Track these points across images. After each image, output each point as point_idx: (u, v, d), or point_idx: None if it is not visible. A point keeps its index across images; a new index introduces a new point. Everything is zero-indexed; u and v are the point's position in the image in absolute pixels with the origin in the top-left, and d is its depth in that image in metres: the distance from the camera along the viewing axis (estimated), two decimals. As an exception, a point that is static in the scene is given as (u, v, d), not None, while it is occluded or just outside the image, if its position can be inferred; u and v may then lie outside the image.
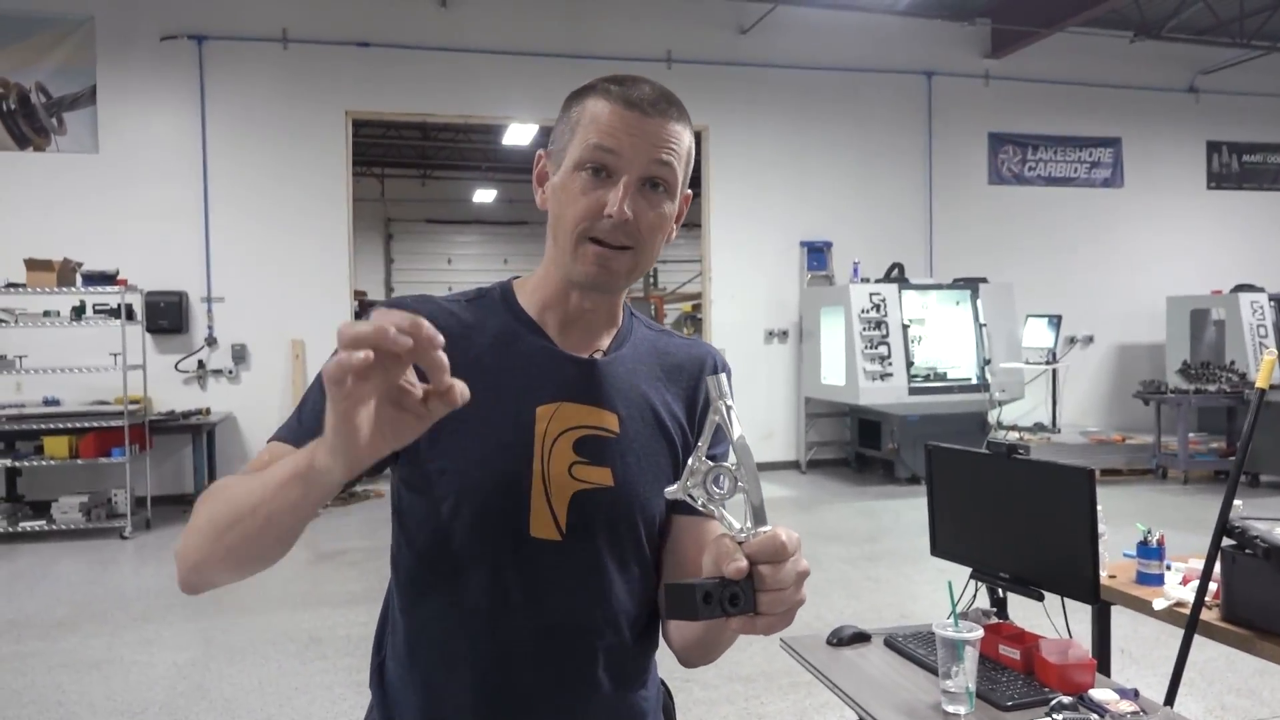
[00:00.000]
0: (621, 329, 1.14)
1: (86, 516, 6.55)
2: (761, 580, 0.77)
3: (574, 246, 1.03)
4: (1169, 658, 2.31)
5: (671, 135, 1.03)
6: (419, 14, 8.27)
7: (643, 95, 1.02)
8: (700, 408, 1.14)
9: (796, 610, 0.81)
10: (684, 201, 1.09)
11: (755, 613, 0.78)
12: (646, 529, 1.09)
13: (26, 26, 7.47)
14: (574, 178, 1.03)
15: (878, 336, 8.15)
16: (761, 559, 0.77)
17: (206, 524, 0.90)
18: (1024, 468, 2.17)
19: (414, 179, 15.94)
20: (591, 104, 1.03)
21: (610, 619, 1.07)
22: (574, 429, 1.05)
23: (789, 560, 0.78)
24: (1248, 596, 2.07)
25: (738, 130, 9.03)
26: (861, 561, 5.70)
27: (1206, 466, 8.07)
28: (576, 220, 1.02)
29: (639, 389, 1.11)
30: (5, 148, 7.45)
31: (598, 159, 1.01)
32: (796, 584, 0.79)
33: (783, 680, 3.77)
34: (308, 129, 8.03)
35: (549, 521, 1.03)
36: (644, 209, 1.02)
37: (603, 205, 1.01)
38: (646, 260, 1.05)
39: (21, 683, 3.90)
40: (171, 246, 7.72)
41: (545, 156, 1.10)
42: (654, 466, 1.09)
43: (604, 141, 1.01)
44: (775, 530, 0.78)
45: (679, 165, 1.04)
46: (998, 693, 1.79)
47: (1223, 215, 10.58)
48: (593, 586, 1.05)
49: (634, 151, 1.01)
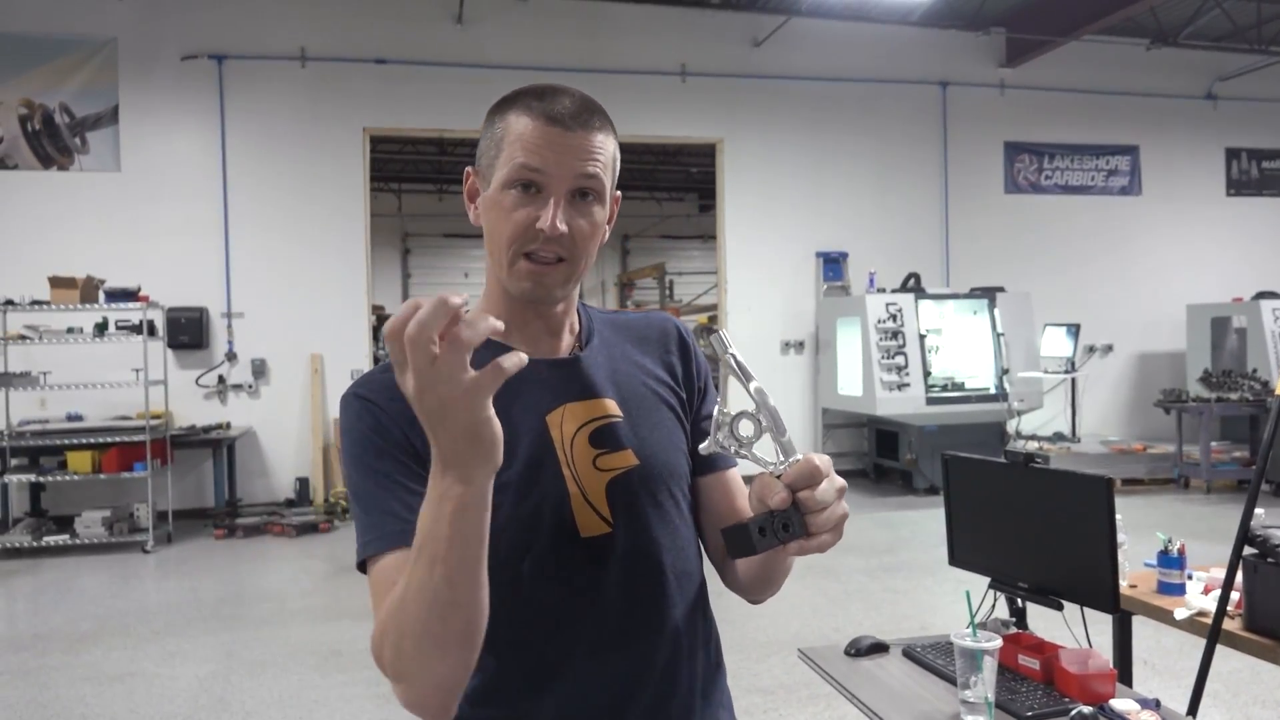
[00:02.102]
0: (583, 324, 1.17)
1: (109, 531, 6.61)
2: (805, 504, 0.87)
3: (510, 264, 1.04)
4: (1191, 669, 2.29)
5: (595, 146, 1.04)
6: (436, 31, 8.35)
7: (564, 110, 1.02)
8: (680, 365, 1.20)
9: (844, 524, 0.90)
10: (614, 204, 1.11)
11: (807, 535, 0.87)
12: (680, 490, 1.14)
13: (51, 49, 7.60)
14: (504, 195, 1.03)
15: (895, 347, 8.12)
16: (800, 485, 0.87)
17: (414, 645, 0.86)
18: (1042, 477, 2.16)
19: (431, 194, 16.04)
20: (514, 120, 1.04)
21: (678, 587, 1.10)
22: (585, 424, 1.08)
23: (825, 480, 0.88)
24: (1270, 606, 2.05)
25: (753, 142, 9.05)
26: (880, 573, 5.67)
27: (1229, 476, 7.98)
28: (511, 238, 1.03)
29: (622, 369, 1.15)
30: (30, 167, 7.57)
31: (525, 178, 1.02)
32: (838, 498, 0.89)
33: (802, 692, 3.75)
34: (326, 146, 8.11)
35: (594, 519, 1.05)
36: (576, 220, 1.03)
37: (534, 220, 1.01)
38: (583, 267, 1.07)
39: (46, 696, 3.93)
40: (192, 263, 7.80)
41: (474, 174, 1.10)
42: (665, 433, 1.14)
43: (530, 161, 1.01)
44: (807, 456, 0.88)
45: (605, 173, 1.05)
46: (1017, 703, 1.78)
47: (1243, 222, 10.49)
48: (651, 560, 1.08)
49: (560, 168, 1.02)
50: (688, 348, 1.22)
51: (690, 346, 1.23)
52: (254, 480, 7.92)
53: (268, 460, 7.96)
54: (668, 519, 1.11)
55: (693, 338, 1.24)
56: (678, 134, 9.00)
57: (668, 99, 8.76)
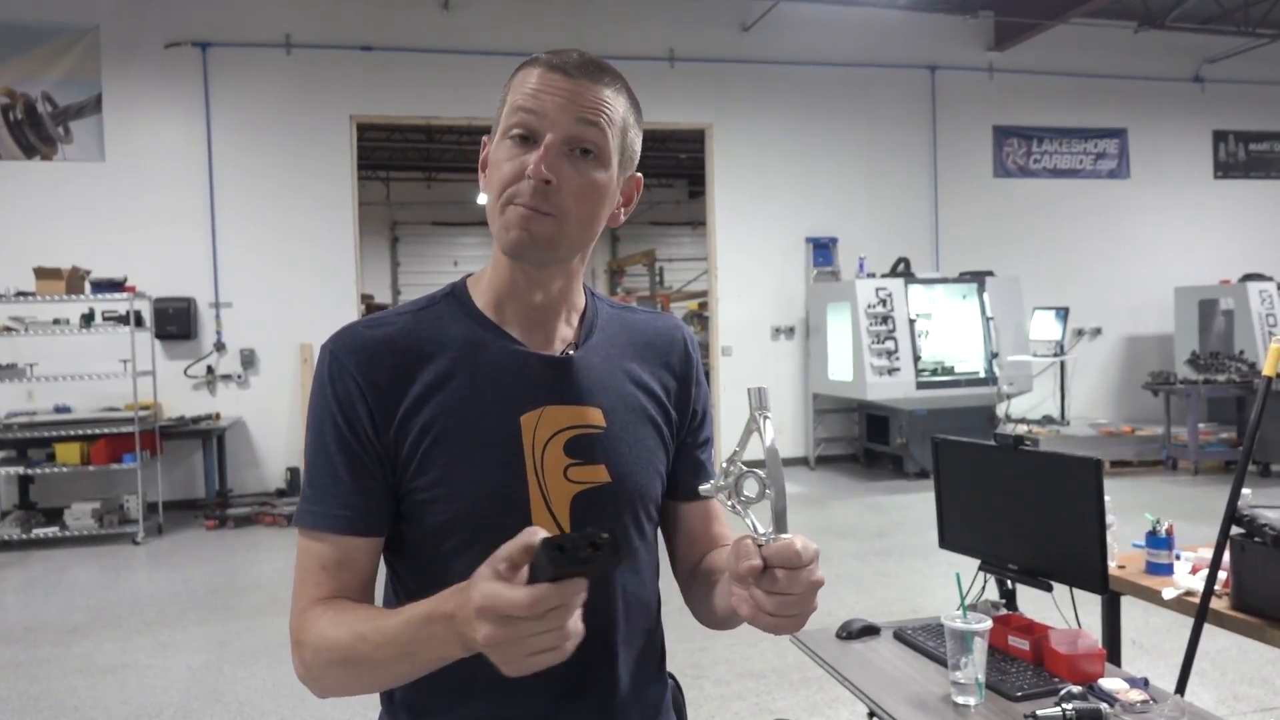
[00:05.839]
0: (586, 314, 1.11)
1: (99, 522, 6.59)
2: (775, 583, 0.82)
3: (500, 213, 0.99)
4: (1180, 648, 2.31)
5: (599, 97, 0.98)
6: (421, 17, 8.29)
7: (568, 59, 0.99)
8: (677, 384, 1.14)
9: (807, 617, 0.86)
10: (633, 184, 1.05)
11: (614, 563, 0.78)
12: (646, 515, 1.09)
13: (32, 37, 7.52)
14: (500, 146, 0.99)
15: (885, 331, 8.14)
16: (777, 563, 0.82)
17: (338, 678, 0.94)
18: (1031, 459, 2.17)
19: (419, 182, 15.97)
20: (520, 75, 1.01)
21: (625, 611, 1.06)
22: (562, 431, 1.02)
23: (804, 569, 0.83)
24: (1257, 585, 2.07)
25: (741, 128, 9.02)
26: (871, 556, 5.70)
27: (1217, 457, 8.04)
28: (500, 186, 0.98)
29: (617, 377, 1.08)
30: (13, 157, 7.50)
31: (520, 122, 0.97)
32: (809, 591, 0.84)
33: (794, 675, 3.77)
34: (313, 134, 8.05)
35: (553, 530, 1.00)
36: (569, 174, 0.97)
37: (524, 168, 0.96)
38: (574, 230, 1.00)
39: (38, 688, 3.92)
40: (179, 253, 7.75)
41: (488, 143, 1.05)
42: (645, 452, 1.08)
43: (524, 103, 0.97)
44: (793, 538, 0.83)
45: (610, 130, 0.99)
46: (1007, 683, 1.79)
47: (1230, 205, 10.53)
48: (606, 584, 1.03)
49: (556, 111, 0.96)
50: (690, 365, 1.16)
51: (693, 364, 1.17)
52: (244, 471, 7.90)
53: (258, 450, 7.94)
54: (629, 543, 1.06)
55: (698, 354, 1.19)
56: (667, 120, 8.96)
57: (656, 84, 8.72)
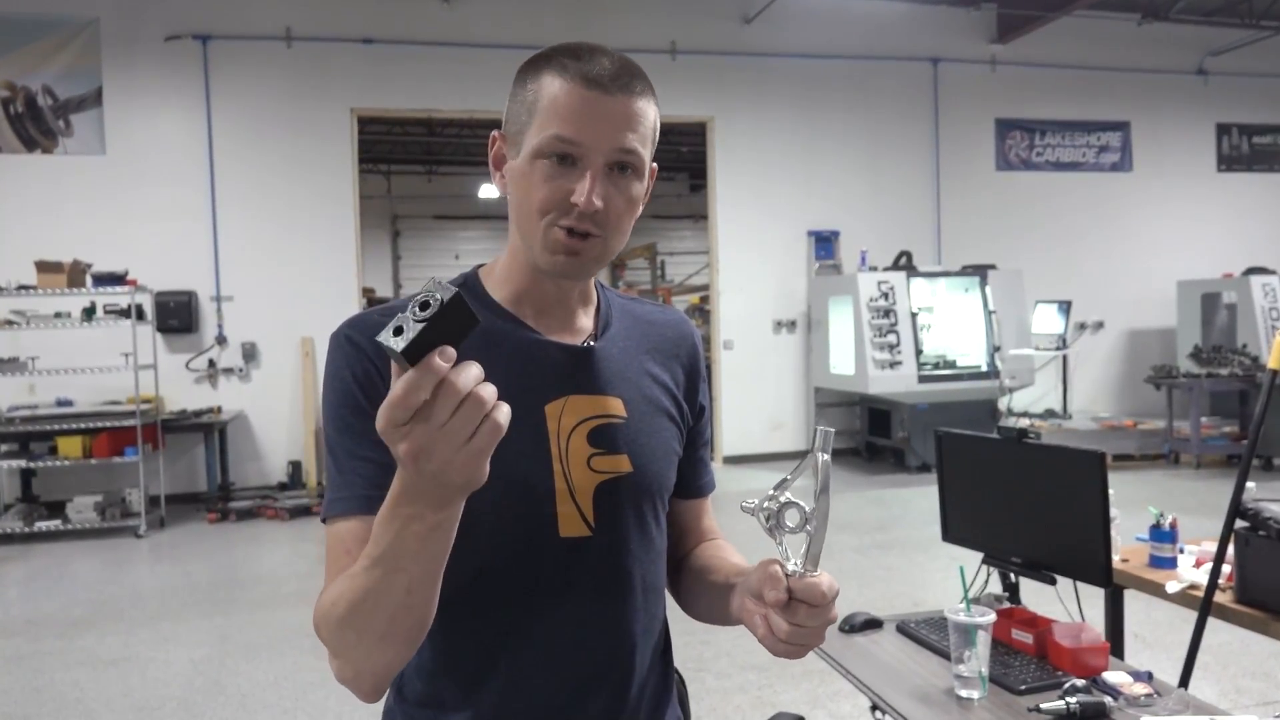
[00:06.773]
0: (601, 307, 1.11)
1: (101, 516, 6.59)
2: (795, 615, 0.87)
3: (541, 236, 0.97)
4: (1183, 642, 2.31)
5: (636, 114, 0.97)
6: (422, 10, 8.26)
7: (603, 72, 0.95)
8: (686, 378, 1.16)
9: (807, 652, 0.91)
10: (651, 176, 1.05)
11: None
12: (663, 503, 1.11)
13: (32, 30, 7.50)
14: (535, 166, 0.96)
15: (886, 325, 8.13)
16: (802, 599, 0.87)
17: (357, 636, 0.88)
18: (1035, 452, 2.16)
19: (420, 175, 15.93)
20: (548, 82, 0.96)
21: (644, 600, 1.07)
22: (585, 421, 1.03)
23: (822, 609, 0.88)
24: (1261, 578, 2.06)
25: (743, 121, 9.00)
26: (873, 550, 5.70)
27: (1219, 451, 8.03)
28: (543, 209, 0.96)
29: (634, 369, 1.09)
30: (13, 151, 7.49)
31: (560, 149, 0.95)
32: (824, 627, 0.89)
33: (796, 668, 3.77)
34: (313, 127, 8.03)
35: (577, 520, 1.01)
36: (613, 195, 0.97)
37: (568, 194, 0.95)
38: (617, 244, 1.01)
39: (40, 681, 3.93)
40: (180, 246, 7.74)
41: (501, 139, 1.03)
42: (663, 444, 1.09)
43: (564, 132, 0.94)
44: (821, 578, 0.87)
45: (645, 145, 0.99)
46: (1011, 676, 1.79)
47: (1233, 198, 10.49)
48: (623, 572, 1.04)
49: (598, 138, 0.95)
50: (697, 360, 1.18)
51: (699, 360, 1.18)
52: (246, 464, 7.90)
53: (260, 444, 7.94)
54: (647, 531, 1.07)
55: (702, 350, 1.21)
56: (668, 113, 8.77)
57: (657, 77, 8.36)
